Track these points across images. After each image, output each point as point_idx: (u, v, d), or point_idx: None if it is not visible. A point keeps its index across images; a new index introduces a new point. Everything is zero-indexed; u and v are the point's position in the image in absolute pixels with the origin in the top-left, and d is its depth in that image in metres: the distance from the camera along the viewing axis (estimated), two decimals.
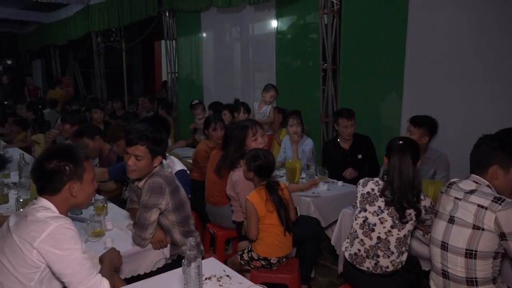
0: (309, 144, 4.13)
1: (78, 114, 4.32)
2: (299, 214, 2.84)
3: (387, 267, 2.15)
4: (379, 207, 2.18)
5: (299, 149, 4.02)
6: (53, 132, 4.35)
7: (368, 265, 2.19)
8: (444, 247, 1.95)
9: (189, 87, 7.50)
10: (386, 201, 2.17)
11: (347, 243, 2.33)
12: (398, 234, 2.14)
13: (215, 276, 1.87)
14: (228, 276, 1.88)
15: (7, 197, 2.93)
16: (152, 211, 2.16)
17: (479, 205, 1.83)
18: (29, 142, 5.47)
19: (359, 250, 2.22)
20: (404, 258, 2.17)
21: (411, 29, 4.09)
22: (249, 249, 2.54)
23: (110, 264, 1.82)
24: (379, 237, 2.16)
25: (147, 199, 2.15)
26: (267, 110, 4.87)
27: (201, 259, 1.56)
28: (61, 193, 1.66)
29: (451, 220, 1.94)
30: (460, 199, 1.92)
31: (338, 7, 4.72)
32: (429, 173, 3.14)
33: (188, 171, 3.15)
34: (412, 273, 2.25)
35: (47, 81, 13.21)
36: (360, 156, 3.76)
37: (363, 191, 2.27)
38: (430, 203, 2.18)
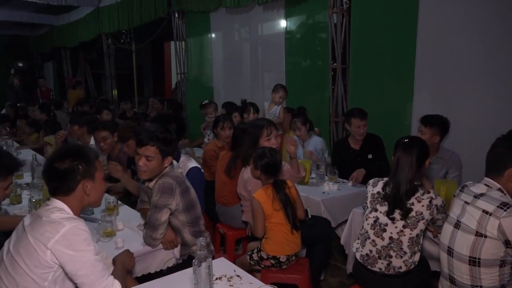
0: (317, 142, 4.12)
1: (86, 116, 4.36)
2: (309, 216, 2.83)
3: (400, 267, 2.13)
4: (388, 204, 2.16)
5: (308, 148, 4.01)
6: (61, 133, 4.41)
7: (380, 266, 2.17)
8: (450, 252, 1.90)
9: (198, 88, 7.52)
10: (384, 196, 2.16)
11: (358, 243, 2.31)
12: (411, 234, 2.11)
13: (225, 276, 1.87)
14: (238, 276, 1.88)
15: (20, 197, 2.98)
16: (163, 212, 2.17)
17: (483, 211, 1.77)
18: (41, 143, 5.54)
19: (370, 251, 2.20)
20: (417, 258, 2.15)
21: (422, 27, 4.04)
22: (258, 249, 2.54)
23: (123, 266, 1.84)
24: (391, 237, 2.14)
25: (157, 200, 2.17)
26: (277, 110, 4.86)
27: (211, 259, 1.57)
28: (75, 192, 1.67)
29: (457, 225, 1.89)
30: (468, 203, 1.86)
31: (348, 6, 4.69)
32: (441, 172, 3.11)
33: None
34: (423, 273, 2.23)
35: (59, 82, 13.35)
36: (370, 156, 3.72)
37: (373, 191, 2.25)
38: (442, 202, 2.15)
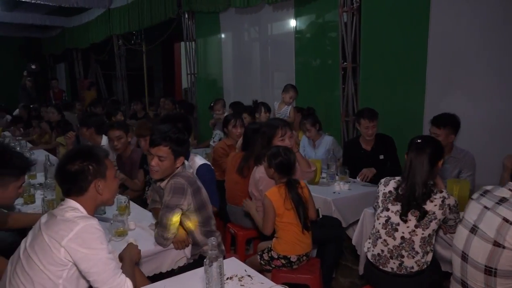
0: (328, 142, 4.10)
1: (94, 117, 4.41)
2: (320, 216, 2.82)
3: (412, 267, 2.11)
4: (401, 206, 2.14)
5: (321, 148, 4.00)
6: (70, 135, 4.47)
7: (392, 265, 2.15)
8: (464, 258, 1.79)
9: (208, 88, 7.55)
10: (397, 196, 2.14)
11: (369, 243, 2.29)
12: (423, 233, 2.09)
13: (236, 276, 1.87)
14: (249, 276, 1.87)
15: (34, 197, 3.02)
16: (174, 212, 2.18)
17: (504, 219, 1.65)
18: (53, 144, 5.60)
19: (382, 251, 2.18)
20: (429, 258, 2.13)
21: (433, 25, 4.01)
22: (268, 248, 2.54)
23: (131, 261, 1.86)
24: (403, 237, 2.12)
25: (169, 200, 2.18)
26: (287, 110, 4.85)
27: (222, 258, 1.57)
28: (88, 192, 1.70)
29: (473, 230, 1.77)
30: (489, 209, 1.73)
31: (358, 4, 4.67)
32: (454, 172, 3.07)
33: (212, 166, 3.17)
34: (435, 273, 2.21)
35: (71, 83, 13.51)
36: (382, 157, 3.69)
37: (384, 190, 2.24)
38: (455, 201, 2.12)
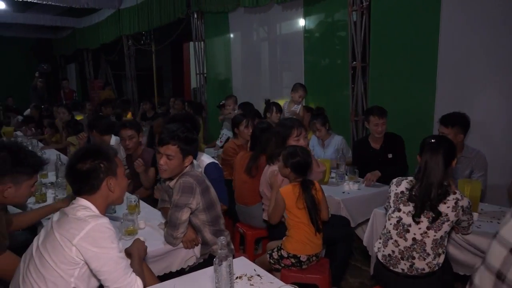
0: (338, 141, 4.08)
1: (101, 119, 4.44)
2: (329, 215, 2.81)
3: (423, 269, 2.09)
4: (414, 207, 2.12)
5: (330, 147, 3.98)
6: (82, 135, 4.51)
7: (403, 266, 2.13)
8: (500, 277, 1.60)
9: (217, 88, 7.56)
10: (410, 197, 2.12)
11: (380, 243, 2.27)
12: (435, 235, 2.06)
13: (245, 276, 1.87)
14: (258, 276, 1.87)
15: (45, 196, 3.06)
16: (183, 211, 2.19)
17: None
18: (64, 143, 5.66)
19: (393, 252, 2.16)
20: (441, 260, 2.10)
21: (444, 23, 3.96)
22: (278, 247, 2.54)
23: (140, 257, 1.87)
24: (414, 238, 2.09)
25: (178, 199, 2.18)
26: (297, 109, 4.84)
27: (232, 258, 1.57)
28: (100, 190, 1.71)
29: None
30: None
31: (367, 3, 4.64)
32: (465, 172, 3.03)
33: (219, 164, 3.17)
34: (447, 274, 2.18)
35: (81, 84, 13.64)
36: (390, 156, 3.67)
37: (396, 190, 2.21)
38: (468, 203, 2.09)
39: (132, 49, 9.99)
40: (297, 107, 4.84)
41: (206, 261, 2.32)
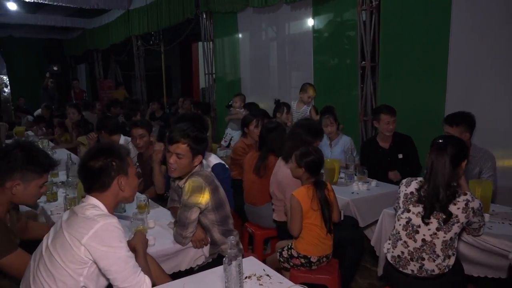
0: (346, 142, 4.06)
1: (109, 120, 4.46)
2: (342, 218, 2.79)
3: (433, 270, 2.07)
4: (423, 208, 2.10)
5: (337, 147, 3.96)
6: (91, 135, 4.54)
7: (412, 268, 2.11)
8: None
9: (226, 88, 7.58)
10: (418, 198, 2.10)
11: (389, 244, 2.25)
12: (445, 237, 2.04)
13: (254, 275, 1.87)
14: (268, 276, 1.87)
15: (56, 195, 3.09)
16: (193, 210, 2.19)
17: None
18: (75, 143, 5.70)
19: (402, 253, 2.15)
20: (451, 262, 2.07)
21: (455, 22, 3.92)
22: (289, 246, 2.54)
23: (144, 251, 1.88)
24: (424, 239, 2.08)
25: (187, 199, 2.19)
26: (307, 110, 4.83)
27: (241, 257, 1.57)
28: (110, 188, 1.72)
29: None
30: None
31: (377, 3, 4.62)
32: (474, 171, 2.99)
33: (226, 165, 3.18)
34: (458, 275, 2.16)
35: (91, 84, 13.75)
36: (400, 156, 3.65)
37: (406, 191, 2.20)
38: (479, 204, 2.06)
39: (141, 50, 10.04)
40: (306, 108, 4.83)
41: (214, 260, 2.33)
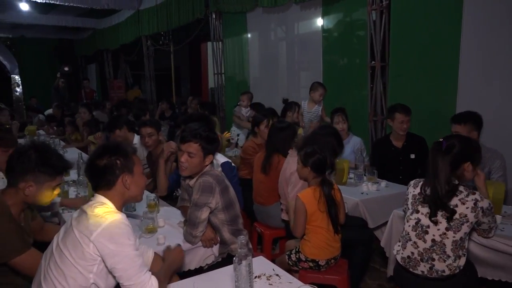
0: (356, 142, 4.05)
1: (121, 118, 4.49)
2: (347, 211, 2.79)
3: (443, 271, 2.06)
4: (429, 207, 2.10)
5: (347, 148, 3.95)
6: (98, 135, 4.58)
7: (422, 268, 2.10)
8: None
9: (235, 88, 7.59)
10: (424, 198, 2.10)
11: (399, 246, 2.25)
12: (454, 236, 2.03)
13: (264, 275, 1.88)
14: (277, 275, 1.88)
15: (68, 193, 3.12)
16: (203, 210, 2.21)
17: None
18: (85, 142, 5.77)
19: (412, 253, 2.14)
20: (462, 263, 2.06)
21: (466, 21, 3.88)
22: (296, 249, 2.53)
23: (170, 268, 1.86)
24: (433, 240, 2.07)
25: (197, 198, 2.21)
26: (318, 109, 4.83)
27: (251, 257, 1.58)
28: (115, 186, 1.74)
29: None
30: None
31: (387, 2, 4.59)
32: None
33: (233, 164, 3.19)
34: (470, 277, 2.14)
35: (101, 84, 13.87)
36: (413, 156, 3.62)
37: (414, 192, 2.19)
38: (489, 204, 2.04)
39: (151, 50, 10.10)
40: (318, 107, 4.82)
41: (224, 260, 2.33)
